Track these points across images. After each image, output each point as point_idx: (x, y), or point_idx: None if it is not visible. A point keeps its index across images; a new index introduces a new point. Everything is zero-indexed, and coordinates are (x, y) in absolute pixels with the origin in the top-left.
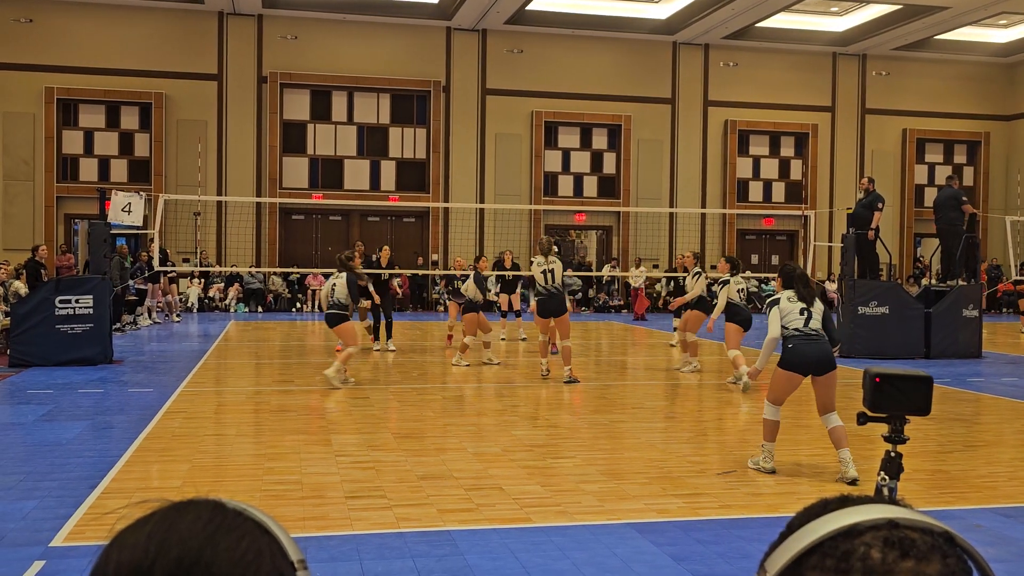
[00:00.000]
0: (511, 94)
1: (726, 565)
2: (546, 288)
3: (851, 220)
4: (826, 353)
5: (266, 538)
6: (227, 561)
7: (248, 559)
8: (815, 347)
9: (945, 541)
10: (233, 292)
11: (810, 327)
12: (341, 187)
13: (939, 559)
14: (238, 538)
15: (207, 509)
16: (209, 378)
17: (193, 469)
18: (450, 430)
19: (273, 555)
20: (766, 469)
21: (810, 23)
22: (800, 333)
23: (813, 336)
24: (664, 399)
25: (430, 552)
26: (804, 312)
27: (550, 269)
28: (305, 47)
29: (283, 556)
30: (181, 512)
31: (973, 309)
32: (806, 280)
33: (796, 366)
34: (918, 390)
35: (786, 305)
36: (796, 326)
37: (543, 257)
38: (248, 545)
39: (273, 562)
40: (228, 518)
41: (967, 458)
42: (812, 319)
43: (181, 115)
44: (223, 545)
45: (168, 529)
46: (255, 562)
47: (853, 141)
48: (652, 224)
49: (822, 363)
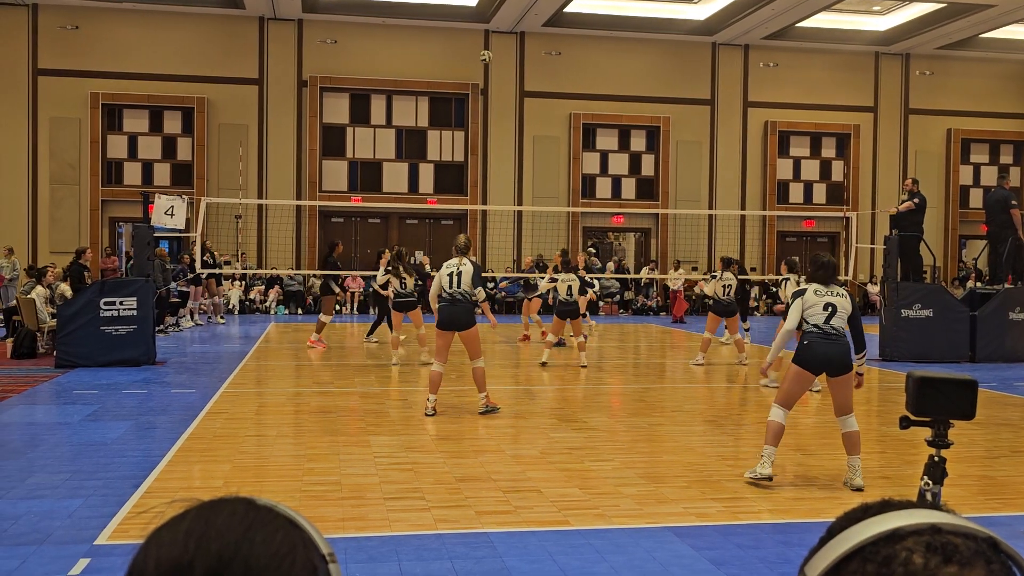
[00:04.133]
0: (549, 96)
1: (766, 570)
2: (449, 293)
3: (894, 221)
4: (843, 354)
5: (298, 532)
6: (264, 555)
7: (283, 552)
8: (832, 346)
9: (989, 547)
10: (273, 294)
11: (831, 324)
12: (380, 190)
13: (983, 565)
14: (272, 532)
15: (241, 506)
16: (250, 379)
17: (234, 469)
18: (488, 432)
19: (306, 548)
20: (763, 475)
21: (851, 23)
22: (819, 330)
23: (833, 334)
24: (703, 402)
25: (468, 554)
26: (828, 307)
27: (457, 272)
28: (344, 51)
29: (315, 549)
30: (215, 509)
31: (1020, 312)
32: (832, 269)
33: (809, 364)
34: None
35: (811, 298)
36: (816, 322)
37: (456, 257)
38: (283, 539)
39: (307, 554)
40: (261, 514)
41: (1014, 464)
42: (835, 316)
43: (223, 119)
44: (259, 539)
45: (205, 525)
46: (290, 555)
47: (896, 142)
48: (691, 226)
49: (837, 364)
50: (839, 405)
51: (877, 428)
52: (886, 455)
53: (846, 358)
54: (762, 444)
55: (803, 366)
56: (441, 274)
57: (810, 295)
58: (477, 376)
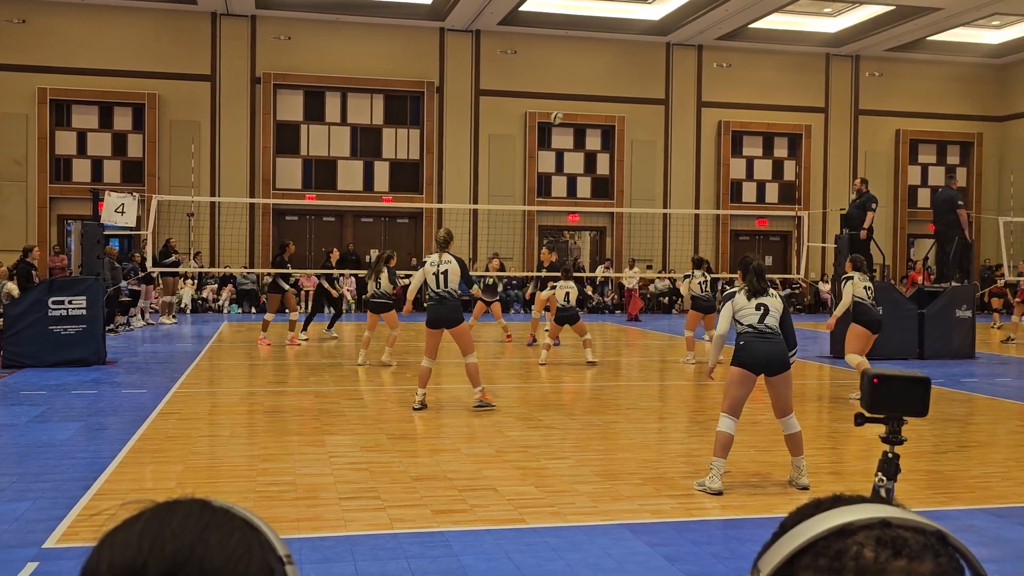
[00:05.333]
0: (505, 95)
1: (720, 565)
2: (436, 292)
3: (844, 221)
4: (781, 352)
5: (254, 533)
6: (220, 556)
7: (239, 553)
8: (769, 345)
9: (938, 540)
10: (226, 293)
11: (765, 324)
12: (334, 188)
13: (931, 558)
14: (228, 533)
15: (196, 507)
16: (202, 379)
17: (187, 470)
18: (444, 431)
19: (263, 549)
20: (712, 490)
21: (803, 24)
22: (754, 330)
23: (768, 333)
24: (657, 399)
25: (424, 553)
26: (760, 308)
27: (443, 271)
28: (298, 48)
29: (272, 551)
30: (170, 511)
31: (966, 310)
32: (761, 273)
33: (748, 364)
34: (916, 392)
35: (741, 300)
36: (750, 322)
37: (437, 255)
38: (239, 540)
39: (263, 556)
40: (217, 515)
41: (961, 458)
42: (768, 316)
43: (174, 116)
44: (214, 540)
45: (160, 527)
46: (246, 556)
47: (846, 142)
48: (646, 225)
49: (775, 362)
50: (779, 407)
51: (829, 424)
52: (837, 451)
53: (784, 356)
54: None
55: (742, 366)
56: (426, 271)
57: (740, 297)
58: (471, 371)
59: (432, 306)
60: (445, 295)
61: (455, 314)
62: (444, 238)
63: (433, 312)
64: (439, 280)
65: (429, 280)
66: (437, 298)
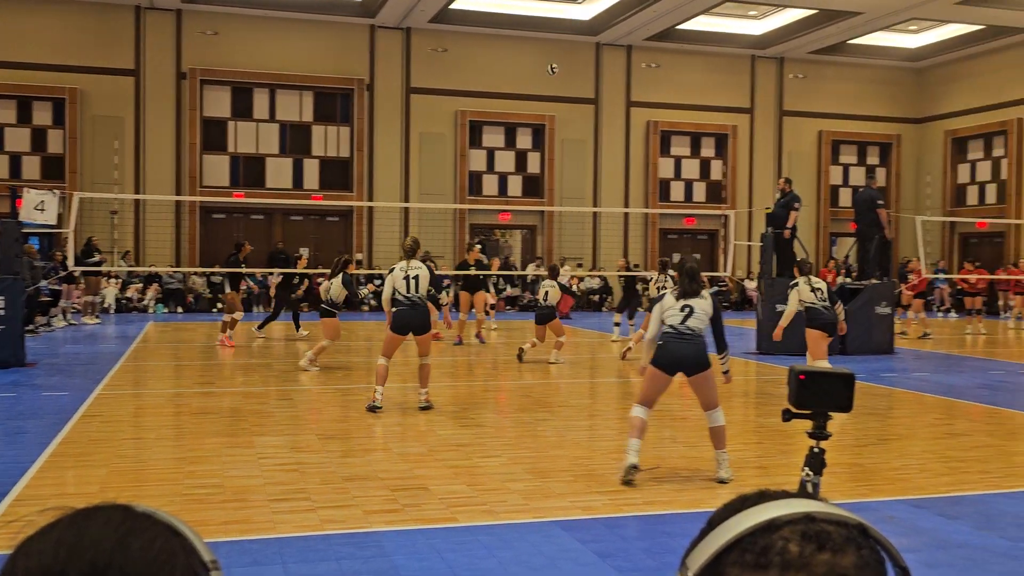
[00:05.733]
0: (435, 93)
1: (650, 560)
2: (407, 298)
3: (769, 219)
4: (697, 353)
5: (178, 539)
6: (141, 562)
7: (162, 560)
8: (685, 346)
9: (859, 533)
10: (152, 292)
11: (687, 325)
12: (263, 186)
13: (854, 551)
14: (150, 540)
15: (116, 513)
16: (127, 380)
17: (111, 474)
18: (375, 430)
19: (187, 555)
20: (629, 464)
21: (729, 26)
22: (675, 330)
23: (687, 335)
24: (588, 397)
25: (355, 554)
26: (685, 309)
27: (414, 275)
28: (226, 43)
29: (196, 556)
30: (89, 517)
31: (886, 306)
32: (693, 275)
33: (664, 365)
34: (841, 388)
35: (668, 301)
36: (673, 323)
37: (406, 261)
38: (161, 546)
39: (187, 562)
40: (138, 521)
41: (881, 451)
42: (692, 317)
43: (97, 111)
44: (135, 547)
45: (78, 534)
46: (169, 563)
47: (771, 142)
48: (576, 223)
49: (692, 363)
50: (702, 403)
51: (755, 419)
52: (763, 445)
53: (700, 357)
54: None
55: (657, 366)
56: (395, 277)
57: (668, 298)
58: (424, 372)
59: (402, 311)
60: (416, 300)
61: (424, 320)
62: (411, 246)
63: (403, 317)
64: (409, 285)
65: (399, 285)
66: (408, 303)
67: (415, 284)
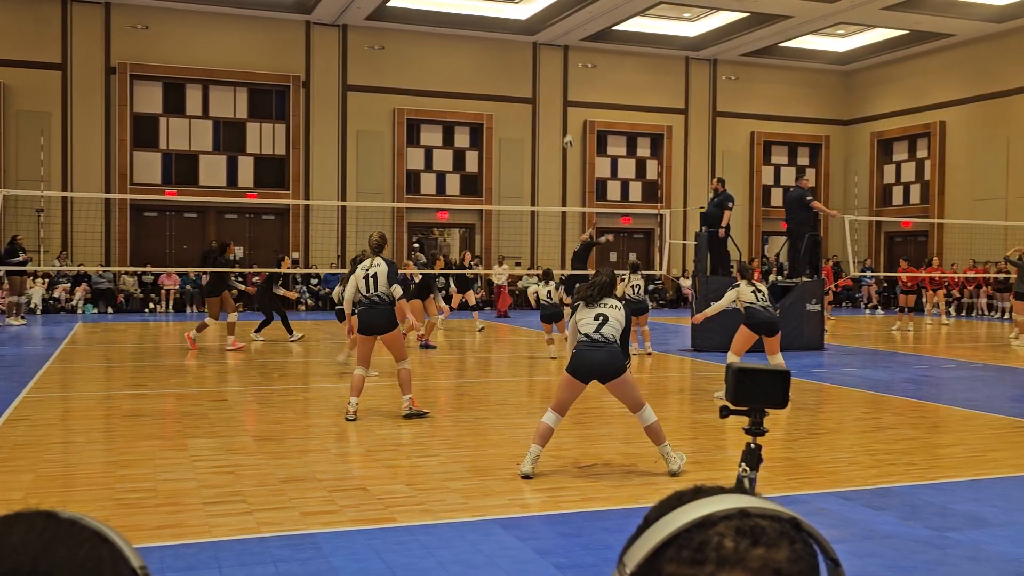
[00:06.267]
0: (373, 91)
1: (589, 556)
2: (366, 297)
3: (704, 219)
4: (610, 361)
5: (106, 546)
6: (66, 569)
7: (88, 566)
8: (598, 353)
9: (792, 527)
10: (80, 292)
11: (600, 333)
12: (196, 183)
13: (787, 544)
14: (76, 546)
15: (40, 520)
16: (55, 383)
17: (38, 479)
18: (312, 431)
19: (115, 561)
20: (522, 473)
21: (664, 28)
22: (588, 338)
23: (600, 343)
24: (526, 395)
25: (293, 556)
26: (599, 318)
27: (372, 274)
28: (157, 38)
29: (125, 563)
30: (10, 524)
31: (816, 304)
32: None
33: (577, 371)
34: (776, 384)
35: (581, 311)
36: (586, 331)
37: (369, 259)
38: (87, 553)
39: (115, 568)
40: (63, 527)
41: (812, 445)
42: (606, 325)
43: (21, 106)
44: (60, 554)
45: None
46: (96, 569)
47: (705, 142)
48: (514, 222)
49: (604, 370)
50: (628, 406)
51: (690, 415)
52: (698, 441)
53: (615, 362)
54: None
55: (572, 374)
56: (356, 276)
57: (582, 308)
58: (402, 378)
59: (363, 311)
60: (375, 299)
61: (386, 319)
62: (378, 242)
63: (365, 317)
64: (368, 284)
65: (360, 285)
66: (367, 303)
67: (373, 283)
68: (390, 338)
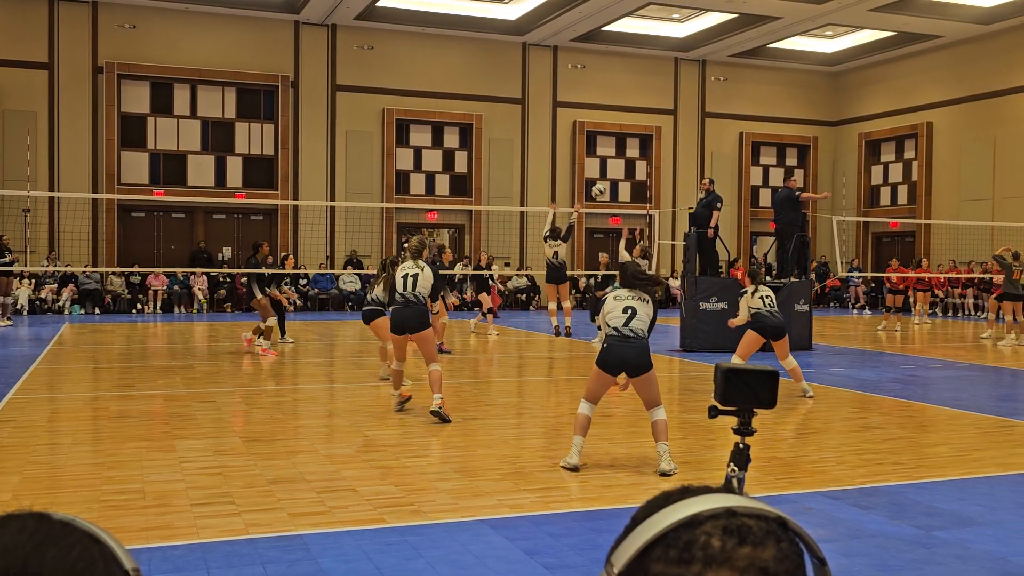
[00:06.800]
0: (362, 91)
1: (577, 557)
2: (403, 296)
3: (692, 219)
4: (639, 355)
5: (97, 547)
6: (57, 571)
7: (80, 568)
8: (628, 348)
9: (779, 526)
10: (67, 293)
11: (629, 327)
12: (184, 183)
13: (773, 544)
14: (67, 548)
15: (31, 520)
16: (41, 384)
17: (25, 481)
18: (301, 432)
19: (107, 563)
20: (569, 465)
21: (653, 28)
22: (618, 333)
23: (630, 337)
24: (515, 395)
25: (281, 557)
26: (627, 311)
27: (413, 274)
28: (144, 37)
29: (117, 564)
30: (2, 526)
31: (804, 304)
32: (636, 277)
33: (607, 365)
34: (765, 384)
35: (610, 304)
36: (616, 325)
37: (411, 260)
38: (79, 554)
39: (107, 570)
40: (55, 528)
41: (798, 444)
42: (635, 319)
43: (8, 105)
44: (51, 555)
45: None
46: (88, 570)
47: (694, 143)
48: (503, 223)
49: (634, 365)
50: (645, 401)
51: (679, 415)
52: (687, 441)
53: (643, 358)
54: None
55: (601, 367)
56: (397, 277)
57: (610, 301)
58: (433, 378)
59: (397, 309)
60: (412, 298)
61: (420, 319)
62: (416, 248)
63: (399, 315)
64: (407, 283)
65: (397, 283)
66: (403, 301)
67: (413, 282)
68: (421, 337)
